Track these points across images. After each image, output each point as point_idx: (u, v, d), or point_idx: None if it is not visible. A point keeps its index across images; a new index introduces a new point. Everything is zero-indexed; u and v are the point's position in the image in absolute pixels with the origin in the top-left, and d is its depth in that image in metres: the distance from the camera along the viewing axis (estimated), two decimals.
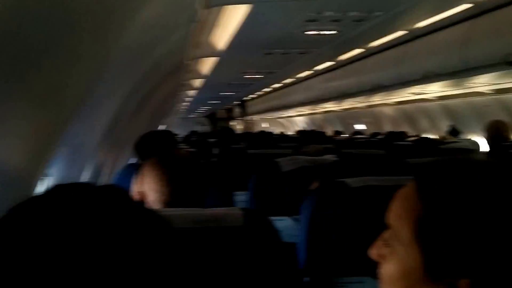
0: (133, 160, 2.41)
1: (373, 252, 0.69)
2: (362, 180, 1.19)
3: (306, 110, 10.48)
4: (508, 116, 5.12)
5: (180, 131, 11.06)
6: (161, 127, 11.27)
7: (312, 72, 7.30)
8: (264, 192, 2.13)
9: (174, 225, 0.99)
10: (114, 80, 2.03)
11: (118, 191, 0.52)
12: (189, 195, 1.30)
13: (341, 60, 6.22)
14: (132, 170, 1.48)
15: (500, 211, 0.59)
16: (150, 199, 1.28)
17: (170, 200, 1.27)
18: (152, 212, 0.53)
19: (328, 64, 6.49)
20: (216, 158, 3.87)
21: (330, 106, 8.91)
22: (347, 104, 8.12)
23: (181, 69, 4.59)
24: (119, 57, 1.73)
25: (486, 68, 3.64)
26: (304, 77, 7.97)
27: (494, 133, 3.50)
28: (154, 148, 2.09)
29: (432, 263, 0.61)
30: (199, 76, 6.52)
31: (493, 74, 3.87)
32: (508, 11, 3.36)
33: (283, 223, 2.09)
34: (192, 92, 9.06)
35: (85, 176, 2.46)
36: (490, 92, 5.41)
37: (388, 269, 0.67)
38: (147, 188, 1.29)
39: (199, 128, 15.47)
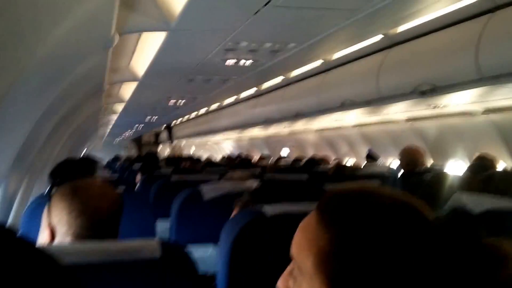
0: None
1: (280, 285, 0.69)
2: (279, 207, 1.20)
3: (233, 135, 10.54)
4: (422, 143, 5.43)
5: (105, 156, 10.66)
6: (84, 152, 10.82)
7: (237, 98, 7.39)
8: (187, 220, 2.09)
9: (83, 260, 0.95)
10: (25, 100, 1.91)
11: None
12: (103, 227, 1.23)
13: (265, 88, 6.36)
14: (46, 201, 1.39)
15: (401, 242, 0.60)
16: (60, 232, 1.20)
17: (82, 233, 1.18)
18: (35, 252, 0.47)
19: (252, 90, 6.60)
20: (139, 184, 3.76)
21: (256, 131, 9.03)
22: (273, 130, 8.27)
23: (101, 92, 4.47)
24: (31, 74, 1.63)
25: (399, 97, 3.84)
26: (230, 103, 8.04)
27: (408, 159, 3.66)
28: (69, 176, 1.99)
29: None
30: (123, 100, 6.37)
31: (405, 102, 4.08)
32: (416, 44, 3.60)
33: (207, 251, 2.06)
34: (116, 116, 8.81)
35: None
36: (404, 120, 5.72)
37: None
38: (56, 221, 1.20)
39: (125, 153, 15.01)
